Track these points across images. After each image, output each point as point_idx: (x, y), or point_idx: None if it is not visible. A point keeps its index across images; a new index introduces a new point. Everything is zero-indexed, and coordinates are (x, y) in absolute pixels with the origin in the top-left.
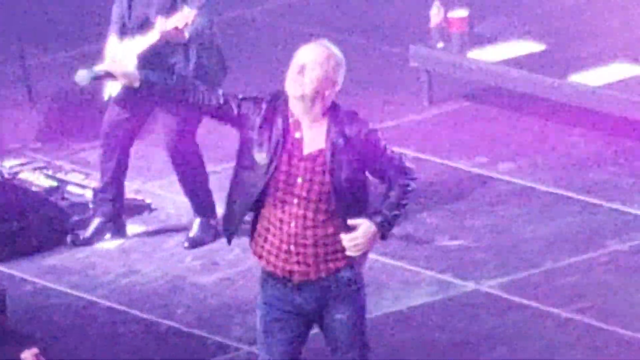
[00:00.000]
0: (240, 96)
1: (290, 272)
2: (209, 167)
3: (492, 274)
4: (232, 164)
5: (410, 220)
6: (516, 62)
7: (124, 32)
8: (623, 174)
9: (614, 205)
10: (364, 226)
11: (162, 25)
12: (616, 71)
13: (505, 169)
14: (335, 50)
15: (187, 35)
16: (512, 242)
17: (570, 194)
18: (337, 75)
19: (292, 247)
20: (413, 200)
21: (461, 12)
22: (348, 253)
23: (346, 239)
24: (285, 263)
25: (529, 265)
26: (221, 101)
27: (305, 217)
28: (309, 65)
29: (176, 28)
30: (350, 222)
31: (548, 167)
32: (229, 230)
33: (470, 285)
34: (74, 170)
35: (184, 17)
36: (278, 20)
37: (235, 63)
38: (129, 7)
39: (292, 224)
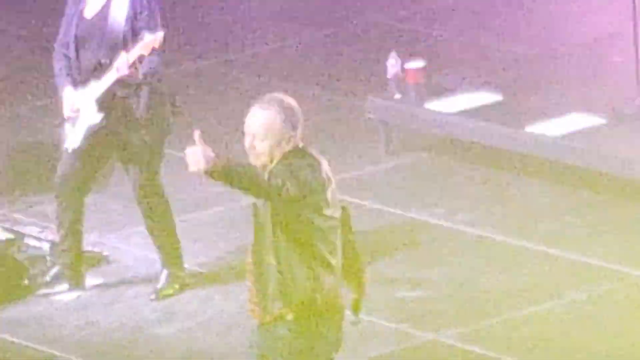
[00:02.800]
0: None
1: None
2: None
3: (451, 324)
4: (197, 213)
5: (368, 271)
6: (473, 113)
7: (75, 81)
8: (580, 224)
9: (572, 256)
10: None
11: (124, 60)
12: (573, 122)
13: (464, 219)
14: (283, 104)
15: (140, 75)
16: (470, 293)
17: (528, 245)
18: (288, 128)
19: None
20: None
21: (418, 63)
22: None
23: None
24: None
25: (487, 315)
26: None
27: None
28: (258, 135)
29: (140, 57)
30: None
31: (506, 217)
32: None
33: (429, 336)
34: (31, 223)
35: (149, 43)
36: (234, 71)
37: (190, 112)
38: (77, 57)
39: None
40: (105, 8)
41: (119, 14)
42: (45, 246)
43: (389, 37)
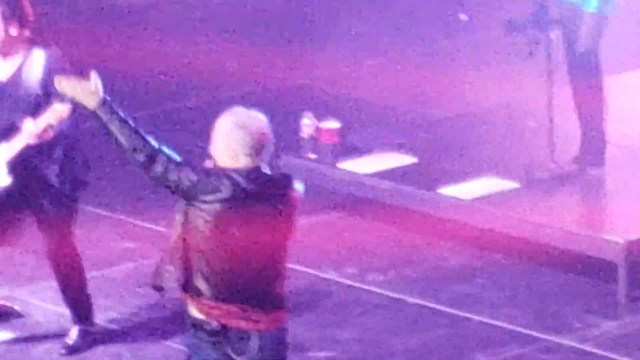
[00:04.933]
0: None
1: None
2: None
3: None
4: (109, 269)
5: None
6: (387, 174)
7: None
8: (491, 287)
9: (483, 318)
10: None
11: (32, 126)
12: (485, 185)
13: (375, 280)
14: (244, 121)
15: (51, 133)
16: (380, 354)
17: (439, 307)
18: (237, 143)
19: None
20: None
21: (333, 124)
22: None
23: None
24: None
25: None
26: None
27: None
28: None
29: (49, 126)
30: None
31: (417, 279)
32: None
33: None
34: None
35: (58, 112)
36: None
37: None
38: None
39: None
40: (18, 71)
41: (33, 78)
42: None
43: (303, 96)
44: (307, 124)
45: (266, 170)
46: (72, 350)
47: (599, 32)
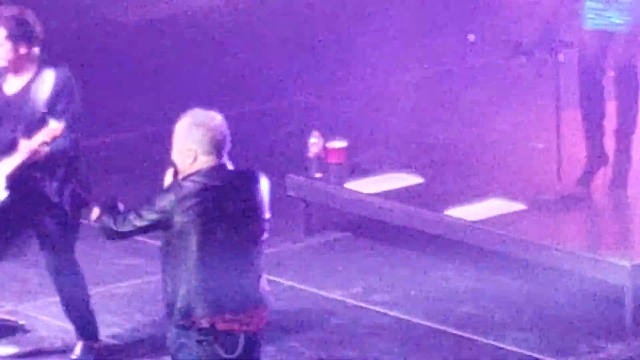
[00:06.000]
0: None
1: None
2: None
3: None
4: (113, 285)
5: (283, 349)
6: (393, 195)
7: None
8: (497, 309)
9: (488, 340)
10: None
11: (27, 144)
12: (492, 207)
13: (380, 300)
14: (195, 120)
15: (46, 150)
16: None
17: (444, 328)
18: (193, 143)
19: None
20: None
21: (340, 143)
22: None
23: None
24: None
25: None
26: None
27: None
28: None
29: (43, 144)
30: None
31: (422, 300)
32: None
33: None
34: None
35: (52, 131)
36: (155, 144)
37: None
38: None
39: None
40: (26, 88)
41: (40, 96)
42: None
43: (311, 115)
44: (314, 143)
45: (230, 166)
46: None
47: (633, 51)
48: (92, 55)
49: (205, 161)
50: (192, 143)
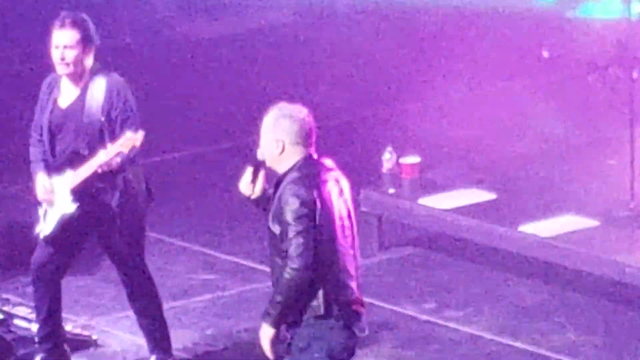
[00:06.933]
0: None
1: None
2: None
3: None
4: (186, 300)
5: None
6: (466, 211)
7: (48, 168)
8: (570, 325)
9: (561, 357)
10: None
11: (104, 155)
12: (565, 223)
13: (453, 316)
14: (282, 111)
15: (119, 161)
16: None
17: (516, 344)
18: (279, 133)
19: None
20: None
21: (413, 159)
22: None
23: None
24: None
25: None
26: None
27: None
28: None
29: (120, 154)
30: None
31: (495, 315)
32: None
33: None
34: (20, 304)
35: (130, 141)
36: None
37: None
38: (50, 143)
39: None
40: (80, 99)
41: (94, 106)
42: (34, 327)
43: (385, 131)
44: (388, 159)
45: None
46: None
47: None
48: (169, 70)
49: (293, 152)
50: (279, 133)
